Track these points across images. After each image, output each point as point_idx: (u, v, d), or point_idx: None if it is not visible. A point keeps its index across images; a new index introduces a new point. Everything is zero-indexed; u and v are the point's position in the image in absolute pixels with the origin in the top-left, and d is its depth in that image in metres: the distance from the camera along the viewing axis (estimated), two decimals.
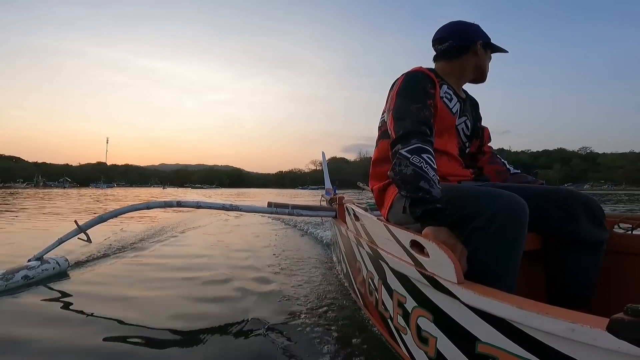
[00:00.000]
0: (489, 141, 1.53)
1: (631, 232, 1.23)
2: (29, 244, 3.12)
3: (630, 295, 1.13)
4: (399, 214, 1.17)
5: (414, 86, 1.22)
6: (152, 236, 3.84)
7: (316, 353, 1.19)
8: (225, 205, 2.38)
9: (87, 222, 2.35)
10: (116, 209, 2.44)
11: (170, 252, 3.02)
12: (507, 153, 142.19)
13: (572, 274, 1.08)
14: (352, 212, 1.64)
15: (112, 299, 1.75)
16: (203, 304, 1.69)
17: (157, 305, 1.67)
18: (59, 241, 2.26)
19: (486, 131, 1.51)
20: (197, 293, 1.85)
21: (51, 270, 2.11)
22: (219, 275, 2.22)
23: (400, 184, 1.06)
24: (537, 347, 0.64)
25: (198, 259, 2.73)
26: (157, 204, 2.49)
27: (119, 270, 2.34)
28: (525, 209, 0.92)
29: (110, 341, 1.27)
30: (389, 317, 1.15)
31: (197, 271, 2.33)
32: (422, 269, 0.92)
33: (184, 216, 6.11)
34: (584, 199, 1.10)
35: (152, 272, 2.30)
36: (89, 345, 1.23)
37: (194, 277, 2.17)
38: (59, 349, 1.20)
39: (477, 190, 1.01)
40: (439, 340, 0.87)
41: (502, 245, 0.89)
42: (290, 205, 2.35)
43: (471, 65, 1.34)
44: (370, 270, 1.31)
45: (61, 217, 5.99)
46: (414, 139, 1.08)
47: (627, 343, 0.50)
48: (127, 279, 2.12)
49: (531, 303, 0.67)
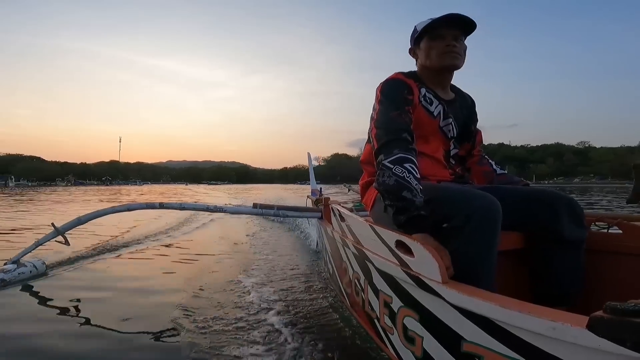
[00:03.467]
0: (480, 144, 1.55)
1: (607, 230, 1.27)
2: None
3: (607, 293, 1.16)
4: (380, 213, 1.19)
5: (391, 94, 1.23)
6: (135, 237, 3.76)
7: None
8: (210, 207, 2.34)
9: (65, 224, 2.28)
10: (95, 211, 2.37)
11: (153, 253, 2.96)
12: (506, 148, 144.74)
13: (555, 272, 1.11)
14: (337, 212, 1.64)
15: (89, 301, 1.72)
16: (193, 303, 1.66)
17: (130, 307, 1.64)
18: (36, 244, 2.19)
19: (479, 135, 1.52)
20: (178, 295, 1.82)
21: (28, 273, 2.04)
22: (206, 271, 2.19)
23: (384, 194, 1.08)
24: (520, 346, 0.65)
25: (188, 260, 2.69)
26: (139, 206, 2.44)
27: (97, 272, 2.28)
28: (499, 209, 0.94)
29: (83, 343, 1.26)
30: (375, 317, 1.15)
31: (185, 271, 2.29)
32: (408, 268, 0.93)
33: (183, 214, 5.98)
34: (566, 199, 1.13)
35: (132, 273, 2.25)
36: (61, 346, 1.23)
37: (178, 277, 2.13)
38: (31, 349, 1.19)
39: (454, 191, 1.04)
40: (425, 339, 0.88)
41: (478, 245, 0.92)
42: (275, 207, 2.34)
43: (426, 59, 1.28)
44: (356, 270, 1.31)
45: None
46: (396, 148, 1.10)
47: (606, 341, 0.51)
48: (105, 280, 2.07)
49: (514, 302, 0.69)
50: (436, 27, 1.24)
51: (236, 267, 2.39)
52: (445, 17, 1.21)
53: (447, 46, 1.22)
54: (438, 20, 1.22)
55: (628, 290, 1.10)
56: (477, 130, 1.50)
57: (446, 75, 1.31)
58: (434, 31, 1.25)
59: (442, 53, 1.23)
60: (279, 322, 1.45)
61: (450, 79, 1.35)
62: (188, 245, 3.42)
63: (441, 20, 1.22)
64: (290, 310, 1.58)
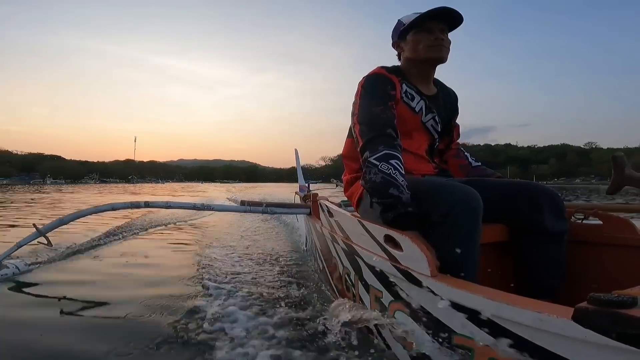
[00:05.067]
0: (458, 138, 1.57)
1: (581, 221, 1.30)
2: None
3: (590, 284, 1.20)
4: (367, 208, 1.20)
5: (374, 89, 1.23)
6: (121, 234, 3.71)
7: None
8: (197, 205, 2.32)
9: (47, 225, 2.22)
10: (77, 212, 2.32)
11: (136, 250, 2.92)
12: (512, 148, 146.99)
13: (538, 264, 1.14)
14: (326, 208, 1.64)
15: (73, 299, 1.69)
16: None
17: (117, 307, 1.62)
18: (18, 245, 2.13)
19: (457, 129, 1.54)
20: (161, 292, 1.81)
21: (10, 274, 1.99)
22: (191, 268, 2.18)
23: (371, 191, 1.09)
24: (509, 338, 0.66)
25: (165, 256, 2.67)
26: (123, 205, 2.38)
27: (81, 272, 2.23)
28: (479, 201, 0.96)
29: (67, 341, 1.24)
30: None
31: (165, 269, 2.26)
32: (397, 263, 0.93)
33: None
34: (547, 191, 1.15)
35: (115, 273, 2.21)
36: (44, 345, 1.21)
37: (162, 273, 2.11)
38: (15, 351, 1.17)
39: (435, 184, 1.05)
40: (417, 333, 0.89)
41: (460, 237, 0.93)
42: (264, 204, 2.32)
43: (413, 51, 1.28)
44: (346, 266, 1.32)
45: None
46: (381, 145, 1.10)
47: (592, 332, 0.52)
48: (89, 280, 2.03)
49: (501, 294, 0.70)
50: (425, 20, 1.24)
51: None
52: (435, 10, 1.21)
53: (436, 39, 1.24)
54: (428, 13, 1.23)
55: (611, 280, 1.13)
56: (456, 124, 1.52)
57: (430, 69, 1.32)
58: (422, 24, 1.25)
59: (430, 46, 1.24)
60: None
61: (433, 73, 1.36)
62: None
63: (432, 13, 1.22)
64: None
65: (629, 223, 1.18)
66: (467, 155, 1.55)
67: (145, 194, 16.74)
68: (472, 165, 1.51)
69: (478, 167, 1.51)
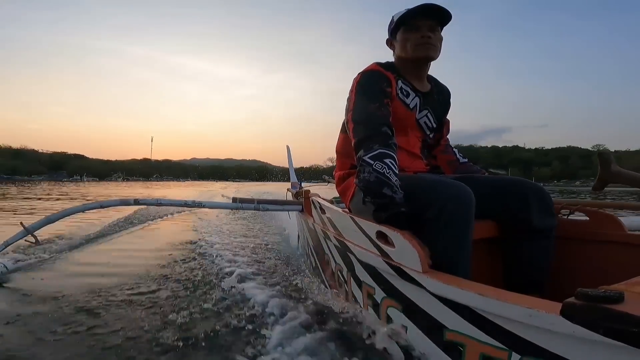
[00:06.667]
0: (447, 134, 1.58)
1: (567, 217, 1.32)
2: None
3: (576, 279, 1.22)
4: (359, 205, 1.20)
5: (370, 86, 1.22)
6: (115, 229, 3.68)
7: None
8: (188, 202, 2.29)
9: (34, 223, 2.19)
10: (65, 209, 2.27)
11: (125, 247, 2.89)
12: (519, 150, 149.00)
13: (527, 260, 1.15)
14: (318, 205, 1.64)
15: (62, 298, 1.66)
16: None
17: (107, 303, 1.60)
18: (5, 244, 2.09)
19: (447, 124, 1.55)
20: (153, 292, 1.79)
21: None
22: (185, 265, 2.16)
23: (364, 190, 1.09)
24: (500, 333, 0.67)
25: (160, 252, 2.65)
26: (112, 203, 2.35)
27: (69, 270, 2.19)
28: (472, 197, 0.97)
29: (56, 341, 1.22)
30: (359, 309, 1.17)
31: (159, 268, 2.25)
32: (389, 259, 0.94)
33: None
34: (536, 187, 1.17)
35: (104, 270, 2.18)
36: (30, 345, 1.19)
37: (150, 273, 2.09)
38: (2, 349, 1.16)
39: (427, 181, 1.06)
40: (409, 329, 0.90)
41: (453, 234, 0.94)
42: (255, 200, 2.31)
43: (402, 50, 1.27)
44: (338, 263, 1.32)
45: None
46: (376, 143, 1.10)
47: (580, 327, 0.53)
48: (78, 278, 2.00)
49: (492, 290, 0.71)
50: (412, 17, 1.23)
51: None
52: (420, 7, 1.20)
53: (422, 37, 1.22)
54: (413, 10, 1.21)
55: (597, 275, 1.15)
56: (446, 120, 1.54)
57: (422, 66, 1.32)
58: (409, 22, 1.24)
59: (417, 44, 1.23)
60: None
61: (426, 71, 1.35)
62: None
63: (416, 10, 1.21)
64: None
65: (614, 219, 1.20)
66: (455, 151, 1.56)
67: (171, 192, 16.10)
68: (460, 162, 1.53)
69: (465, 163, 1.54)
